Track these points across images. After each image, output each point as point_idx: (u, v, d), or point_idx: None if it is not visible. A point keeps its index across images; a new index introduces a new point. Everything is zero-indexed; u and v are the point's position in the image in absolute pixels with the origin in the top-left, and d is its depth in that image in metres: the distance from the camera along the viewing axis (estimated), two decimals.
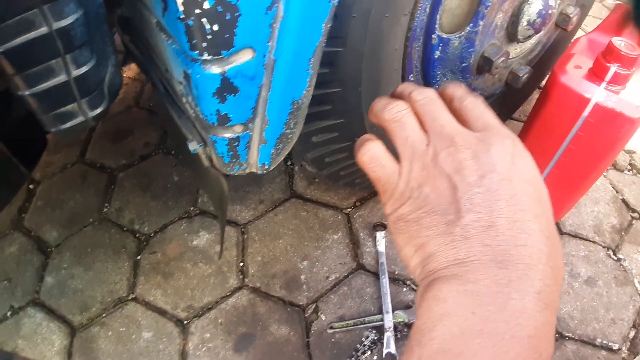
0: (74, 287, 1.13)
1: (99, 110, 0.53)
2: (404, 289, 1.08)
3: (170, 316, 1.06)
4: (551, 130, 0.97)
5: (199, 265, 1.14)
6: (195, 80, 0.49)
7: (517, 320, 0.27)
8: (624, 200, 1.22)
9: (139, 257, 1.16)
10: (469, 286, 0.28)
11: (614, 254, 1.13)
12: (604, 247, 1.14)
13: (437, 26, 0.82)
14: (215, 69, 0.48)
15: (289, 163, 1.33)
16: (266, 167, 0.62)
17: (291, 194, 1.26)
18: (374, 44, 0.73)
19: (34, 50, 0.45)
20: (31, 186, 1.32)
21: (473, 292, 0.28)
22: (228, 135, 0.54)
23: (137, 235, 1.20)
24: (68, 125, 0.51)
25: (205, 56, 0.46)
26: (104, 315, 1.08)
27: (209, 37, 0.44)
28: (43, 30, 0.44)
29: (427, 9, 0.80)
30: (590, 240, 1.15)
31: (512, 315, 0.27)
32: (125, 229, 1.21)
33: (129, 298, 1.10)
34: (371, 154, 0.36)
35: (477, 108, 0.36)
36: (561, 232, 1.16)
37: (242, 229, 1.20)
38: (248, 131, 0.55)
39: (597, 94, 0.88)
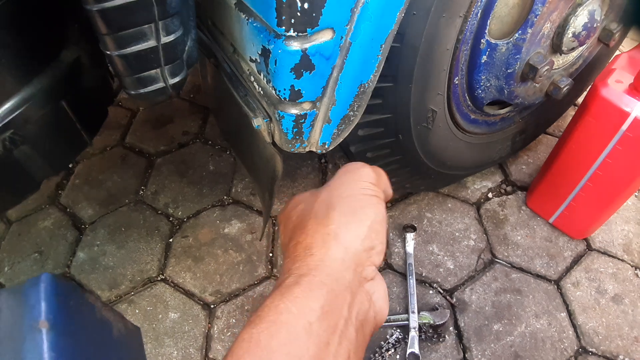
0: (105, 264, 1.15)
1: (178, 79, 0.56)
2: (431, 291, 1.09)
3: (198, 299, 1.08)
4: (589, 143, 0.99)
5: (229, 253, 1.16)
6: (276, 55, 0.52)
7: None
8: None
9: (171, 240, 1.19)
10: None
11: None
12: (632, 266, 1.14)
13: (486, 31, 0.85)
14: (297, 46, 0.51)
15: (322, 161, 1.36)
16: (326, 146, 0.64)
17: None
18: (428, 43, 0.76)
19: (131, 13, 0.48)
20: (70, 164, 1.36)
21: None
22: (296, 111, 0.57)
23: (171, 218, 1.23)
24: (148, 89, 0.55)
25: (291, 32, 0.49)
26: (132, 293, 1.10)
27: (299, 14, 0.47)
28: None
29: (479, 14, 0.83)
30: (619, 259, 1.15)
31: None
32: (159, 212, 1.24)
33: (159, 278, 1.12)
34: None
35: None
36: (591, 248, 1.16)
37: (274, 221, 1.22)
38: (315, 109, 0.58)
39: (637, 109, 0.90)
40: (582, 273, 1.12)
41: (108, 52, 0.52)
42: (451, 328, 1.03)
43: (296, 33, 0.49)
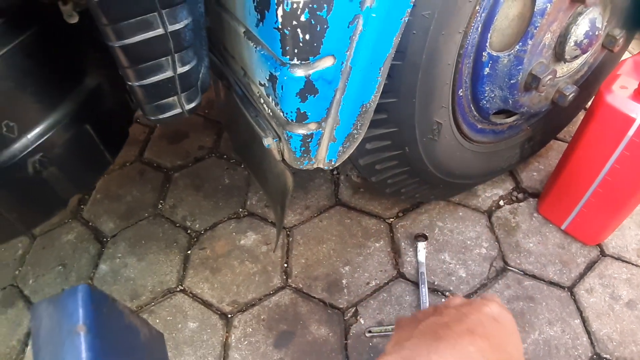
0: (126, 275, 1.20)
1: (193, 104, 0.60)
2: (442, 300, 1.10)
3: (216, 309, 1.12)
4: (596, 149, 0.99)
5: (245, 264, 1.19)
6: (282, 81, 0.55)
7: None
8: None
9: (189, 252, 1.23)
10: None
11: None
12: None
13: (487, 44, 0.87)
14: (301, 73, 0.54)
15: (335, 172, 1.39)
16: (332, 163, 0.68)
17: (336, 202, 1.31)
18: (429, 59, 0.79)
19: (149, 47, 0.53)
20: (95, 183, 1.42)
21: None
22: (303, 131, 0.61)
23: (189, 231, 1.28)
24: (167, 115, 0.59)
25: (295, 61, 0.53)
26: (153, 303, 1.14)
27: (301, 44, 0.51)
28: (159, 31, 0.52)
29: (479, 28, 0.85)
30: (633, 264, 1.14)
31: None
32: (177, 224, 1.29)
33: (178, 289, 1.16)
34: None
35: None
36: (604, 254, 1.16)
37: (288, 232, 1.25)
38: (321, 129, 0.61)
39: None
40: (596, 279, 1.11)
41: (129, 83, 0.57)
42: None
43: (300, 61, 0.53)
